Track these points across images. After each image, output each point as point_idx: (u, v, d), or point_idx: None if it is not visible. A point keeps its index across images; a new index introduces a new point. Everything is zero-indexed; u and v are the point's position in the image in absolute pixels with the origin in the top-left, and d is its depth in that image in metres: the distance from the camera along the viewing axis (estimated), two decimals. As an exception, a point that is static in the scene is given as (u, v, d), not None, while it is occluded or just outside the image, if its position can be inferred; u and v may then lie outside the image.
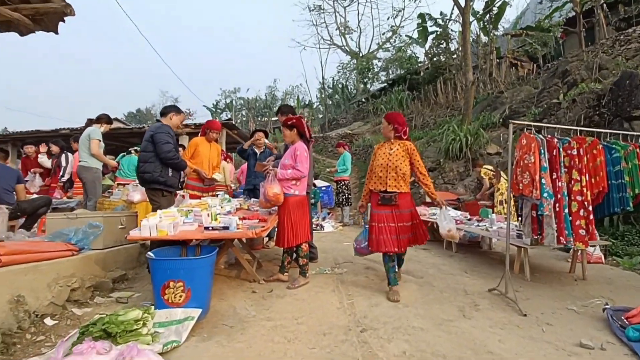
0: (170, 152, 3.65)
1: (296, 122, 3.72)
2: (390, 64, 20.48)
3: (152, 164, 3.63)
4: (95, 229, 3.26)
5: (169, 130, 3.74)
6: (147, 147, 3.67)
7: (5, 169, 4.31)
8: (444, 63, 17.65)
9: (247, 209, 4.13)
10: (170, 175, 3.73)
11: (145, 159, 3.65)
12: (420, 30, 17.96)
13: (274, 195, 3.46)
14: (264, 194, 3.51)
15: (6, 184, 4.26)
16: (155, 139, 3.63)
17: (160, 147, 3.61)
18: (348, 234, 6.92)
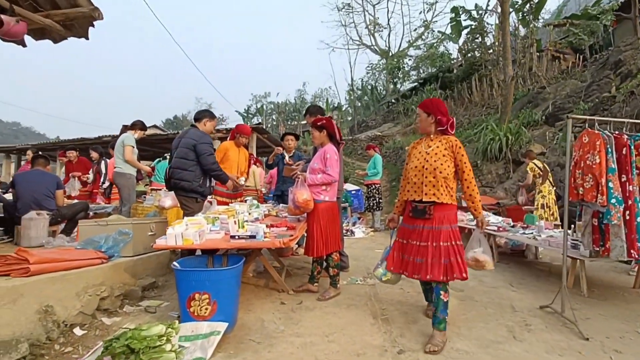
0: (215, 163, 3.67)
1: (326, 123, 3.53)
2: (421, 62, 19.85)
3: (192, 173, 3.59)
4: (125, 236, 3.23)
5: (210, 139, 3.73)
6: (188, 155, 3.62)
7: (45, 175, 4.43)
8: (479, 59, 16.84)
9: (276, 215, 3.99)
10: (208, 185, 3.73)
11: (184, 167, 3.60)
12: (454, 24, 17.24)
13: (303, 201, 3.28)
14: (292, 200, 3.34)
15: (46, 190, 4.37)
16: (199, 150, 3.61)
17: (206, 158, 3.61)
18: (379, 240, 6.63)
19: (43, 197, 4.31)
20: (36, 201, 4.28)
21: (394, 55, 20.05)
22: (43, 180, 4.35)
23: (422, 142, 2.76)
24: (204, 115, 3.83)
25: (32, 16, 3.55)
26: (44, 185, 4.35)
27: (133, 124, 5.20)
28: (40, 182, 4.33)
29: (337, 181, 3.47)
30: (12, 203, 4.28)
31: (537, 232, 4.90)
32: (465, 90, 15.85)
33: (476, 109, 15.34)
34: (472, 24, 17.28)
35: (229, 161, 4.51)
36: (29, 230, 3.86)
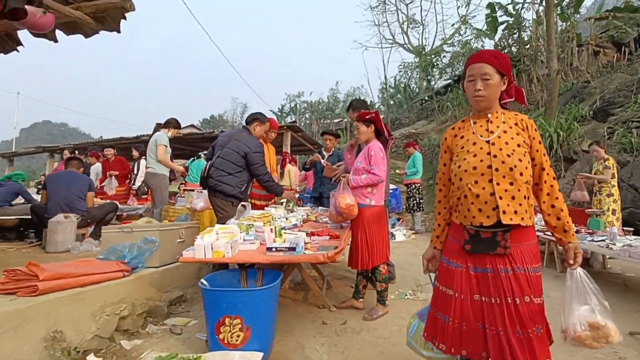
0: (267, 174, 3.29)
1: (375, 117, 2.94)
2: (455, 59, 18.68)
3: (236, 179, 3.18)
4: (151, 245, 2.80)
5: (262, 148, 3.32)
6: (238, 161, 3.20)
7: (78, 177, 4.14)
8: (516, 54, 15.52)
9: (315, 220, 3.43)
10: (249, 192, 3.35)
11: (229, 171, 3.17)
12: (489, 20, 16.01)
13: (346, 206, 2.71)
14: (335, 205, 2.78)
15: (79, 192, 4.08)
16: (252, 159, 3.21)
17: (259, 169, 3.24)
18: (422, 243, 5.94)
19: (75, 198, 4.02)
20: (68, 202, 3.99)
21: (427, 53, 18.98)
22: (75, 182, 4.07)
23: (473, 124, 1.54)
24: (254, 119, 3.42)
25: (60, 8, 3.20)
26: (76, 186, 4.06)
27: (167, 122, 4.82)
28: (72, 184, 4.04)
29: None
30: (40, 205, 4.03)
31: (610, 239, 4.06)
32: (504, 86, 14.58)
33: (515, 105, 14.09)
34: (509, 20, 16.04)
35: None
36: (55, 235, 3.56)
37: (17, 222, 4.51)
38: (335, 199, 2.79)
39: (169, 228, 3.01)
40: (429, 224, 7.93)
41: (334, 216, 2.84)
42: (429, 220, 8.21)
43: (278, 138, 11.85)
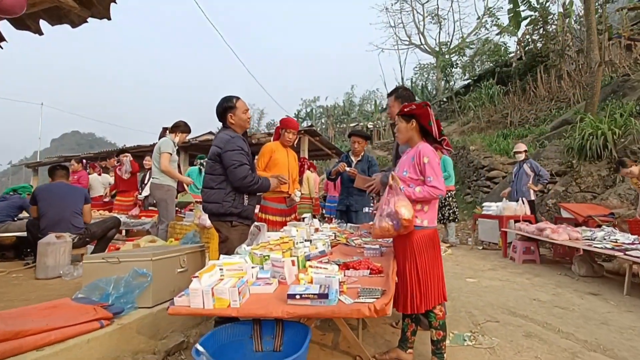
0: (247, 177, 2.43)
1: (417, 110, 2.18)
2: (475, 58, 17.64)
3: (220, 191, 2.46)
4: (142, 279, 2.16)
5: (241, 144, 2.48)
6: (214, 169, 2.48)
7: (71, 189, 3.56)
8: (542, 49, 14.39)
9: (346, 242, 2.71)
10: (247, 203, 2.53)
11: (210, 184, 2.49)
12: (512, 15, 14.93)
13: (407, 221, 1.98)
14: (391, 215, 2.03)
15: (74, 206, 3.50)
16: (225, 161, 2.43)
17: (233, 172, 2.40)
18: (462, 260, 5.12)
19: (70, 214, 3.45)
20: (64, 219, 3.42)
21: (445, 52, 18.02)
22: (69, 195, 3.49)
23: None
24: (228, 106, 2.54)
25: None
26: (70, 200, 3.49)
27: (174, 125, 4.21)
28: (67, 198, 3.47)
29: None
30: (34, 221, 3.47)
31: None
32: (531, 84, 13.51)
33: (543, 103, 13.02)
34: (532, 14, 14.92)
35: (277, 166, 3.33)
36: (45, 258, 2.99)
37: (15, 240, 3.99)
38: (391, 206, 2.04)
39: (165, 256, 2.35)
40: (461, 234, 7.07)
41: (378, 231, 2.10)
42: (460, 229, 7.35)
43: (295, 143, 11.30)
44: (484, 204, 5.96)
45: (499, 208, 5.55)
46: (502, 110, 14.07)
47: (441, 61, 17.44)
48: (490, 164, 8.77)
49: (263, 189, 2.61)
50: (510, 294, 3.50)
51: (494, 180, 8.47)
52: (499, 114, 14.03)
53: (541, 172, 5.69)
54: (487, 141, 10.81)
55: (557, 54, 13.62)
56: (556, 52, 13.67)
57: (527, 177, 5.74)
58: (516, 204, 5.44)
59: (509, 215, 5.38)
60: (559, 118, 10.37)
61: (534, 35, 14.92)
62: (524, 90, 14.11)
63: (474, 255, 5.51)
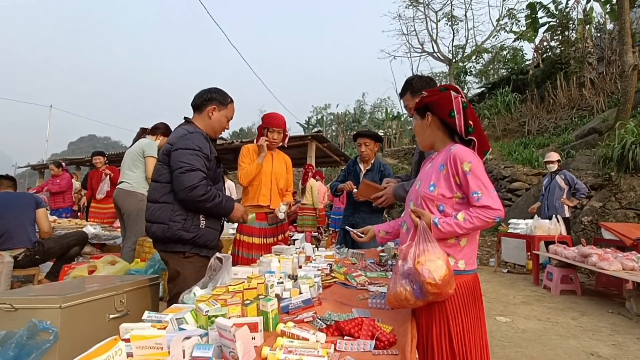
0: (197, 188, 1.68)
1: (430, 97, 1.42)
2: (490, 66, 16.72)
3: (166, 208, 1.74)
4: (44, 336, 1.44)
5: (201, 143, 1.77)
6: (161, 174, 1.78)
7: (17, 197, 2.90)
8: (561, 56, 13.39)
9: (344, 281, 1.93)
10: (203, 226, 1.79)
11: (154, 196, 1.78)
12: (530, 22, 14.05)
13: (442, 281, 1.16)
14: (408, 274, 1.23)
15: (22, 215, 2.83)
16: (172, 160, 1.72)
17: (178, 179, 1.69)
18: (485, 287, 4.23)
19: (17, 225, 2.78)
20: (8, 234, 2.76)
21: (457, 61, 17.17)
22: (16, 203, 2.83)
23: None
24: (218, 99, 1.90)
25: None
26: (19, 208, 2.82)
27: (155, 127, 3.56)
28: (12, 207, 2.80)
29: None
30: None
31: None
32: (550, 91, 12.52)
33: (563, 112, 12.00)
34: (551, 21, 14.00)
35: (259, 175, 2.58)
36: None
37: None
38: (409, 256, 1.27)
39: (87, 299, 1.62)
40: (480, 253, 6.18)
41: (400, 299, 1.30)
42: (479, 247, 6.44)
43: (302, 149, 10.55)
44: (511, 221, 5.09)
45: (529, 226, 4.67)
46: (519, 119, 13.13)
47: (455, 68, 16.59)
48: (512, 174, 7.86)
49: (221, 211, 1.84)
50: (558, 344, 2.65)
51: (516, 192, 7.55)
52: (516, 122, 13.09)
53: (577, 184, 4.80)
54: (507, 150, 9.88)
55: (577, 60, 12.62)
56: (577, 59, 12.67)
57: (560, 190, 4.85)
58: (549, 222, 4.56)
59: (541, 236, 4.49)
60: (583, 126, 9.39)
61: (552, 42, 13.96)
62: (542, 98, 13.12)
63: (499, 280, 4.64)
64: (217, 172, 1.91)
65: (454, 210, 1.32)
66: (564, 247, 4.14)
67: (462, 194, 1.31)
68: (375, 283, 1.84)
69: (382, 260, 2.42)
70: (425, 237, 1.25)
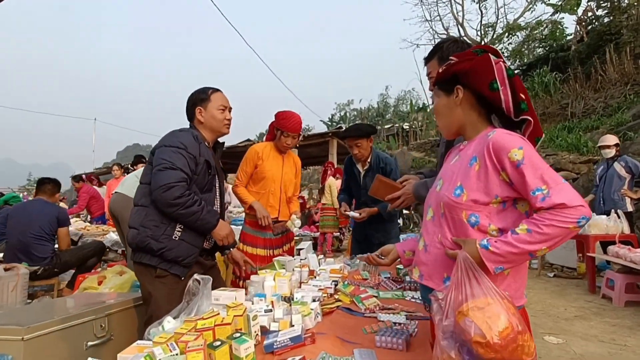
0: (173, 188, 1.45)
1: (461, 64, 0.97)
2: (524, 46, 15.32)
3: (140, 212, 1.55)
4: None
5: (187, 141, 1.56)
6: (145, 175, 1.63)
7: (44, 209, 2.89)
8: (611, 25, 11.85)
9: (350, 303, 1.50)
10: (177, 237, 1.52)
11: (135, 199, 1.62)
12: (571, -9, 12.58)
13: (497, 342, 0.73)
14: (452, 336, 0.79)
15: (40, 230, 2.79)
16: (154, 159, 1.57)
17: (155, 176, 1.49)
18: (530, 295, 3.61)
19: (32, 239, 2.75)
20: (23, 246, 2.73)
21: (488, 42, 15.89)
22: (37, 216, 2.83)
23: None
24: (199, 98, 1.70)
25: None
26: (38, 222, 2.80)
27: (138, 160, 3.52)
28: (32, 219, 2.80)
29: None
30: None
31: None
32: (598, 68, 11.12)
33: (615, 89, 10.60)
34: (595, -13, 12.44)
35: (265, 181, 2.26)
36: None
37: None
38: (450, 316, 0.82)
39: (53, 328, 1.38)
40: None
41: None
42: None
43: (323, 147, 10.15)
44: (558, 217, 4.37)
45: (581, 224, 3.96)
46: (561, 101, 11.82)
47: (485, 51, 15.39)
48: (555, 163, 6.95)
49: (199, 223, 1.54)
50: (632, 380, 2.06)
51: (561, 182, 6.67)
52: (556, 105, 11.79)
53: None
54: (548, 136, 8.87)
55: (631, 29, 11.08)
56: (630, 27, 11.13)
57: (620, 180, 4.06)
58: (607, 218, 3.82)
59: (597, 235, 3.76)
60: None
61: (599, 11, 12.42)
62: (588, 75, 11.70)
63: (544, 286, 3.98)
64: (207, 179, 1.63)
65: (493, 222, 0.91)
66: (628, 248, 3.41)
67: (503, 197, 0.90)
68: (388, 309, 1.46)
69: (399, 275, 1.99)
70: (470, 274, 0.83)
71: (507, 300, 0.79)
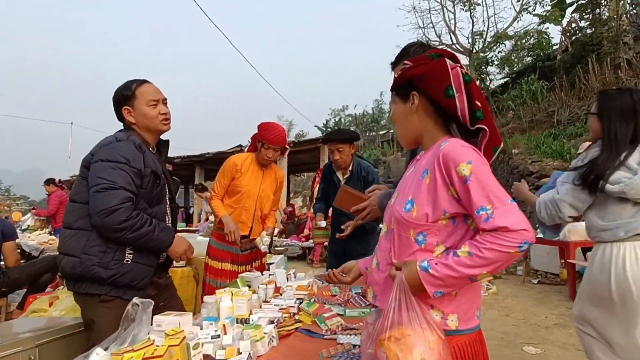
0: (116, 212, 1.32)
1: (415, 69, 0.94)
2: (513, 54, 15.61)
3: (80, 236, 1.37)
4: None
5: (129, 153, 1.40)
6: (78, 192, 1.43)
7: None
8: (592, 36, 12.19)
9: (311, 324, 1.50)
10: (130, 261, 1.41)
11: (68, 220, 1.42)
12: (556, 3, 12.94)
13: None
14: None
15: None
16: (90, 176, 1.38)
17: (93, 199, 1.34)
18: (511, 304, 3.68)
19: None
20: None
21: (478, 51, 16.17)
22: None
23: None
24: (123, 95, 1.51)
25: None
26: None
27: None
28: None
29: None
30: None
31: None
32: (581, 77, 11.39)
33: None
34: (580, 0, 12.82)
35: (239, 195, 2.20)
36: None
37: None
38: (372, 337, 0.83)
39: None
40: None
41: None
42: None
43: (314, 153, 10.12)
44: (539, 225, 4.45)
45: (562, 231, 4.04)
46: (547, 108, 12.08)
47: (475, 59, 15.62)
48: (540, 169, 7.09)
49: (151, 245, 1.41)
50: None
51: (545, 189, 6.79)
52: (543, 113, 12.05)
53: (618, 181, 4.10)
54: (534, 143, 9.04)
55: (611, 40, 11.41)
56: (610, 39, 11.46)
57: (598, 188, 4.16)
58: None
59: (578, 241, 3.84)
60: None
61: (582, 22, 12.78)
62: (573, 84, 11.98)
63: (528, 294, 4.04)
64: (156, 190, 1.49)
65: (441, 240, 0.89)
66: (605, 255, 3.49)
67: (452, 214, 0.87)
68: (351, 329, 1.39)
69: (372, 289, 1.99)
70: (402, 298, 0.81)
71: (433, 331, 0.77)
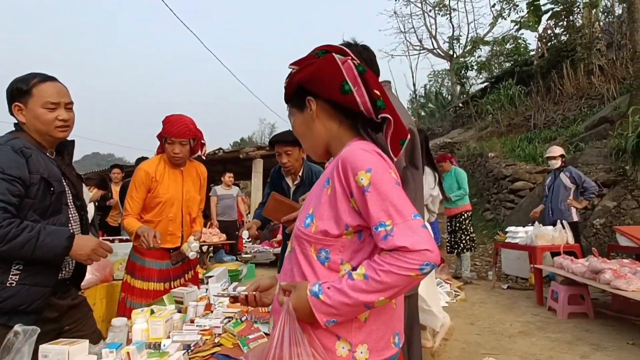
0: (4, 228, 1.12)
1: (302, 72, 0.83)
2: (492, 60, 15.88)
3: None
4: None
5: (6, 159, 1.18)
6: None
7: None
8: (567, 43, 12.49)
9: (231, 347, 1.32)
10: (16, 282, 1.19)
11: None
12: (532, 10, 13.17)
13: None
14: None
15: None
16: None
17: None
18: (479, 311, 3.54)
19: None
20: None
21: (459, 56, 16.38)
22: None
23: None
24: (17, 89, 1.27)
25: None
26: None
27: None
28: None
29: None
30: None
31: None
32: (556, 82, 11.61)
33: (572, 102, 11.09)
34: (554, 7, 13.13)
35: (160, 205, 1.95)
36: None
37: None
38: None
39: None
40: (480, 263, 5.44)
41: None
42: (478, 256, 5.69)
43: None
44: (509, 229, 4.37)
45: (529, 235, 3.95)
46: (524, 112, 12.26)
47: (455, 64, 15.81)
48: (513, 173, 7.08)
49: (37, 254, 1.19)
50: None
51: (519, 193, 6.76)
52: (521, 117, 12.23)
53: (586, 183, 4.06)
54: (509, 146, 9.10)
55: (584, 47, 11.69)
56: (583, 46, 11.74)
57: (566, 190, 4.11)
58: (553, 229, 3.83)
59: (544, 246, 3.77)
60: (593, 116, 8.53)
61: (557, 29, 13.09)
62: (549, 89, 12.22)
63: (496, 300, 3.93)
64: (51, 199, 1.28)
65: (346, 258, 0.74)
66: (571, 259, 3.42)
67: (355, 227, 0.74)
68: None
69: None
70: (285, 329, 0.69)
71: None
